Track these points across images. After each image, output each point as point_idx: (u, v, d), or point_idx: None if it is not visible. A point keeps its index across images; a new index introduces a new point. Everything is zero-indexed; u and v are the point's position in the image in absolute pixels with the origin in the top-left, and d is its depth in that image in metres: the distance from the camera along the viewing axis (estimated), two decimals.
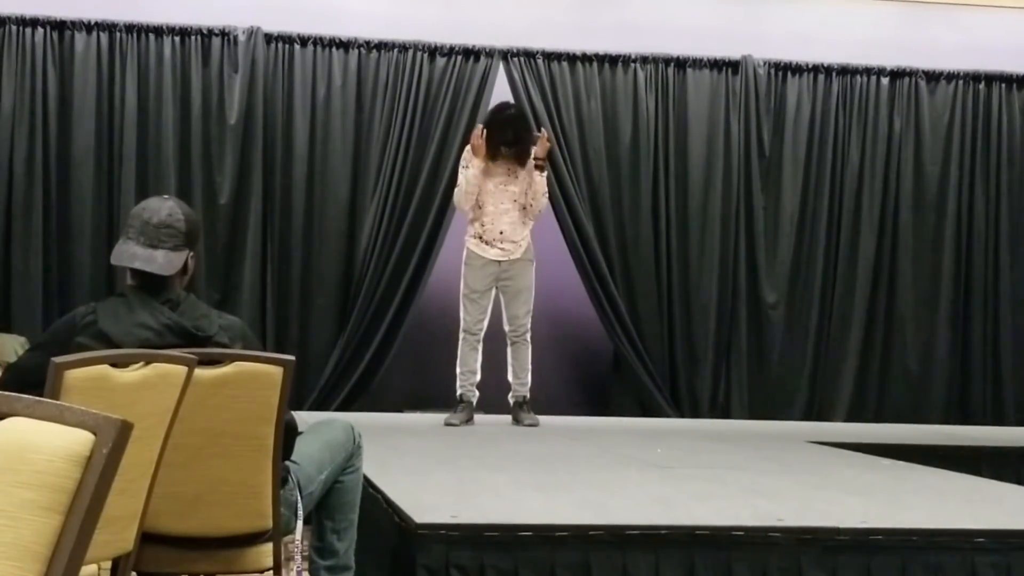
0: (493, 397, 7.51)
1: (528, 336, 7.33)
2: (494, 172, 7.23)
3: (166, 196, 3.61)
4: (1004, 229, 9.18)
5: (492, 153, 7.18)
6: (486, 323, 7.31)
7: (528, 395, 7.38)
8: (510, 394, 7.40)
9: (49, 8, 8.22)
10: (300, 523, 3.53)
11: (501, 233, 7.24)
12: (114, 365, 2.73)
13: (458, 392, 7.34)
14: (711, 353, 8.85)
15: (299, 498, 3.54)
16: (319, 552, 3.74)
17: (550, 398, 8.15)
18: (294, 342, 8.31)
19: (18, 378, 3.23)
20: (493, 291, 7.32)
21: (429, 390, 8.70)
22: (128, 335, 3.25)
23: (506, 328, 7.33)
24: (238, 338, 3.41)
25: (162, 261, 3.37)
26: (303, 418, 3.80)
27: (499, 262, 7.26)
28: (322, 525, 3.76)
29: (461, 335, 7.33)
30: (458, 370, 7.34)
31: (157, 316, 3.31)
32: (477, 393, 7.33)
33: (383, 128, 8.56)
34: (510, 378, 7.37)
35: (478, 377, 7.31)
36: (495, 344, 7.39)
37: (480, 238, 7.28)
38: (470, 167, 7.20)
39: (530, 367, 7.36)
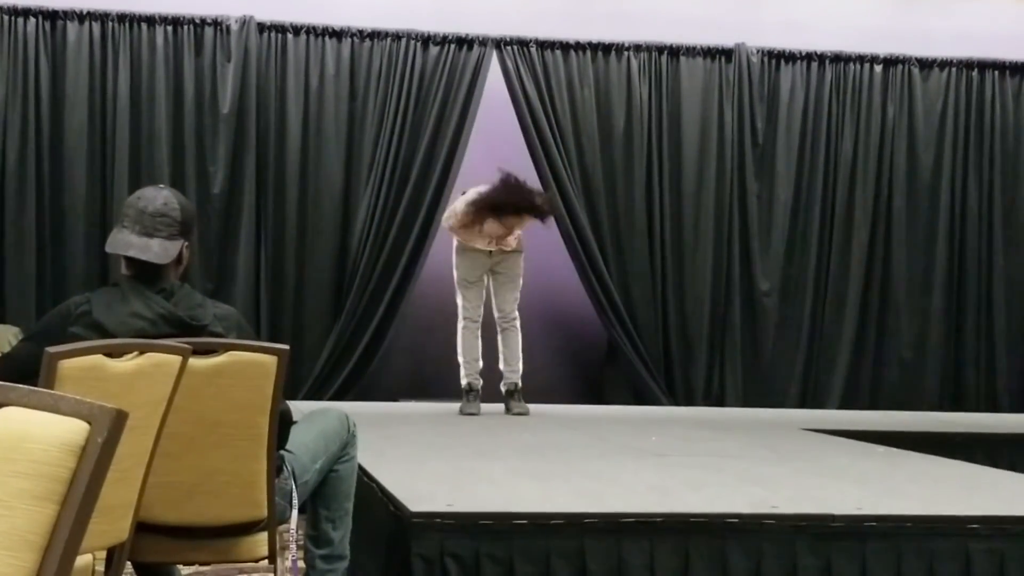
0: (484, 385, 7.50)
1: (518, 323, 7.34)
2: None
3: (162, 185, 3.62)
4: (997, 216, 9.19)
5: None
6: (483, 308, 7.32)
7: (519, 383, 7.38)
8: (502, 382, 7.40)
9: None
10: (295, 512, 3.53)
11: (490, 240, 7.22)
12: (108, 355, 2.73)
13: (465, 381, 7.32)
14: (705, 341, 8.85)
15: (294, 487, 3.54)
16: (314, 541, 3.75)
17: (545, 386, 8.15)
18: (288, 331, 8.30)
19: (12, 368, 3.23)
20: (486, 278, 7.32)
21: (424, 379, 8.70)
22: (122, 325, 3.25)
23: (495, 315, 7.34)
24: (233, 327, 3.42)
25: (157, 250, 3.38)
26: (297, 407, 3.81)
27: (489, 252, 7.25)
28: (317, 514, 3.76)
29: (461, 323, 7.32)
30: (461, 359, 7.32)
31: (151, 306, 3.31)
32: (482, 380, 7.34)
33: (376, 117, 8.55)
34: (501, 366, 7.37)
35: (481, 364, 7.32)
36: (484, 332, 7.39)
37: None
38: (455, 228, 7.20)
39: (521, 354, 7.36)
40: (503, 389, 7.40)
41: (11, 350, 3.52)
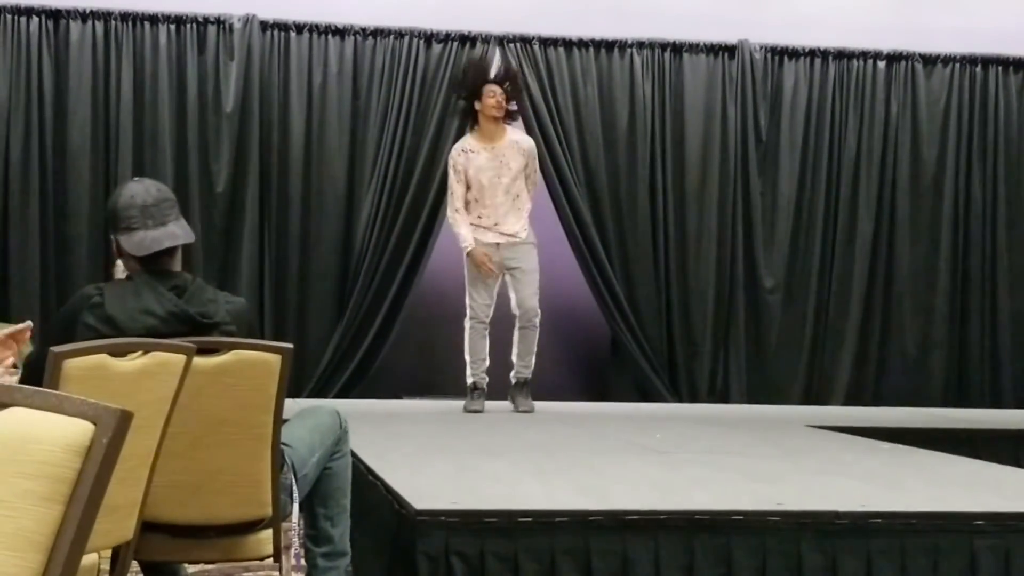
0: (489, 382, 7.49)
1: (538, 320, 7.30)
2: (485, 167, 7.22)
3: (135, 178, 3.65)
4: (1001, 212, 9.18)
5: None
6: (492, 309, 7.29)
7: (529, 377, 7.36)
8: (512, 373, 7.36)
9: None
10: (296, 506, 3.54)
11: (496, 224, 7.23)
12: (113, 354, 2.73)
13: (470, 380, 7.29)
14: (709, 338, 8.85)
15: (294, 481, 3.55)
16: (314, 540, 3.75)
17: (548, 384, 8.14)
18: (292, 329, 8.31)
19: (41, 370, 3.23)
20: (497, 275, 7.29)
21: (428, 376, 8.71)
22: (133, 320, 3.26)
23: (516, 312, 7.29)
24: (244, 324, 3.44)
25: (180, 232, 3.46)
26: (291, 406, 3.81)
27: (498, 244, 7.24)
28: (314, 513, 3.76)
29: (468, 323, 7.29)
30: (468, 358, 7.30)
31: (163, 302, 3.32)
32: (487, 379, 7.32)
33: (379, 115, 8.56)
34: (513, 358, 7.32)
35: (487, 363, 7.31)
36: (493, 327, 7.38)
37: (478, 225, 7.26)
38: (459, 216, 7.23)
39: (535, 350, 7.34)
40: (513, 380, 7.36)
41: (32, 352, 3.53)
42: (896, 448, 5.83)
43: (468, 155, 7.25)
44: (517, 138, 7.41)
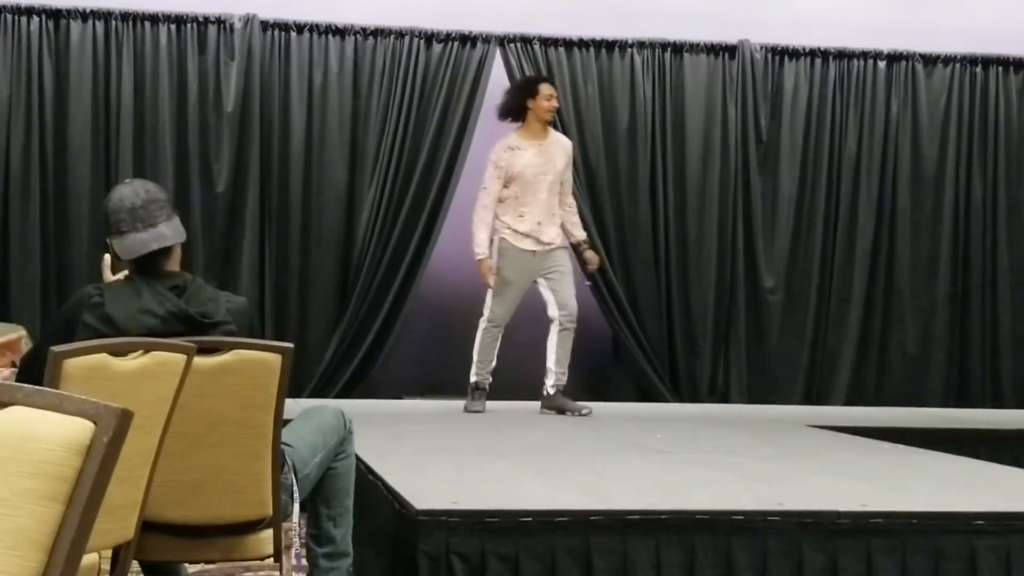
0: (494, 383, 7.47)
1: (575, 318, 7.24)
2: (531, 163, 7.16)
3: (126, 180, 3.65)
4: (1001, 212, 9.17)
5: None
6: (510, 316, 7.24)
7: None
8: (552, 383, 7.23)
9: None
10: (296, 506, 3.54)
11: (539, 224, 7.16)
12: (113, 354, 2.73)
13: (474, 379, 7.25)
14: (710, 338, 8.84)
15: (295, 481, 3.55)
16: (316, 540, 3.75)
17: None
18: (293, 329, 8.31)
19: (38, 368, 3.24)
20: (526, 283, 7.24)
21: (429, 377, 8.70)
22: (132, 320, 3.26)
23: (557, 314, 7.17)
24: (245, 323, 3.44)
25: (170, 232, 3.44)
26: (292, 406, 3.81)
27: (533, 252, 7.17)
28: (317, 513, 3.76)
29: (484, 324, 7.23)
30: (476, 358, 7.24)
31: (163, 302, 3.33)
32: (491, 379, 7.30)
33: (380, 115, 8.55)
34: (552, 365, 7.20)
35: (494, 365, 7.27)
36: (537, 329, 7.36)
37: (514, 229, 7.16)
38: (485, 214, 7.16)
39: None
40: (552, 390, 7.24)
41: (33, 349, 3.53)
42: (896, 448, 5.83)
43: (514, 152, 7.18)
44: (559, 137, 7.45)
